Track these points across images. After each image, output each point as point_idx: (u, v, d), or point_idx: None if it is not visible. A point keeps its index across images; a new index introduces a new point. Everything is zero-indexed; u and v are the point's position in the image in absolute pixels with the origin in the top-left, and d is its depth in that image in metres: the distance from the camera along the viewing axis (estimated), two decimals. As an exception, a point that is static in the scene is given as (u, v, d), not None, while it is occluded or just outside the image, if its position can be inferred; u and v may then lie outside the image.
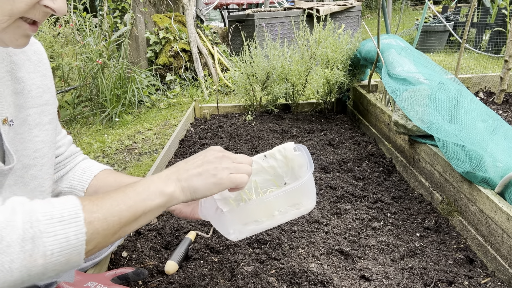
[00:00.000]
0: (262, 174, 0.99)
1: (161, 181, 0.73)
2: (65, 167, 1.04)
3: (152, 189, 0.71)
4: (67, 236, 0.60)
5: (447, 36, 5.74)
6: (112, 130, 3.08)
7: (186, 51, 4.14)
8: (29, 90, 0.83)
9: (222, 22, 7.60)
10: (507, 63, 2.44)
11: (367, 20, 10.02)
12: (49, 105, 0.88)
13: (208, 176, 0.75)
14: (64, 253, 0.60)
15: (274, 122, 2.56)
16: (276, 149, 0.95)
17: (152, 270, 1.21)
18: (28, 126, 0.82)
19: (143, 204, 0.69)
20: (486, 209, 1.16)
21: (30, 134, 0.82)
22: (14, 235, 0.56)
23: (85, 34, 3.61)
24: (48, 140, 0.87)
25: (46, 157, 0.86)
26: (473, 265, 1.18)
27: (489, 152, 1.20)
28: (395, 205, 1.52)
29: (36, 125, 0.84)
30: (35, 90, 0.84)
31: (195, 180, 0.74)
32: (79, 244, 0.61)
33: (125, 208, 0.67)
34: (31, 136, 0.82)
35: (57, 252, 0.59)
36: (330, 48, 2.52)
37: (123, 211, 0.66)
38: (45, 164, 0.86)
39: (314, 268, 1.16)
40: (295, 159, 0.93)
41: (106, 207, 0.65)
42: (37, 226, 0.58)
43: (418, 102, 1.51)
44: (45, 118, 0.86)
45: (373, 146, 2.06)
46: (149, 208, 0.70)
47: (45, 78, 0.88)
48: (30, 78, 0.84)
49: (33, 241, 0.57)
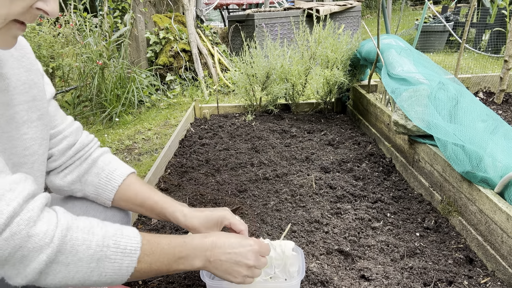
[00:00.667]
0: None
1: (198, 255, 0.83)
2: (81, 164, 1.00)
3: (188, 262, 0.83)
4: (121, 266, 0.73)
5: (447, 36, 5.75)
6: (112, 130, 3.08)
7: (186, 51, 4.14)
8: (14, 87, 0.80)
9: (222, 22, 7.61)
10: (506, 63, 2.45)
11: (367, 20, 10.02)
12: (37, 101, 0.86)
13: (230, 276, 0.87)
14: (113, 277, 0.73)
15: (274, 122, 2.56)
16: (278, 243, 1.07)
17: (152, 270, 1.21)
18: (16, 124, 0.80)
19: (176, 267, 0.81)
20: (486, 209, 1.16)
21: (18, 132, 0.80)
22: (86, 253, 0.69)
23: (85, 34, 3.62)
24: (38, 137, 0.85)
25: (36, 155, 0.85)
26: (473, 265, 1.18)
27: (489, 152, 1.20)
28: (395, 205, 1.52)
29: (24, 122, 0.82)
30: (21, 87, 0.82)
31: (217, 272, 0.86)
32: (127, 274, 0.74)
33: (165, 263, 0.79)
34: (19, 134, 0.80)
35: (109, 275, 0.73)
36: (330, 48, 2.52)
37: (163, 264, 0.79)
38: (36, 162, 0.85)
39: (314, 267, 1.16)
40: (290, 258, 1.04)
41: (155, 256, 0.77)
42: (105, 251, 0.71)
43: (418, 102, 1.51)
44: (33, 114, 0.84)
45: (373, 146, 2.07)
46: (175, 271, 0.82)
47: (31, 73, 0.85)
48: (15, 74, 0.81)
49: (98, 262, 0.71)
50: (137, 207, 1.03)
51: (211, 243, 0.85)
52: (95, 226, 0.73)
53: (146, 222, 1.48)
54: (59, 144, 0.97)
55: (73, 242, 0.68)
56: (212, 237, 0.87)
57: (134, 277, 0.76)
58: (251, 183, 1.74)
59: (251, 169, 1.89)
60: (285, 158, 2.01)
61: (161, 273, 0.80)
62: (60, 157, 0.97)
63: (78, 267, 0.69)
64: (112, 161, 1.04)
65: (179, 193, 1.70)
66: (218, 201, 1.59)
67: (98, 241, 0.71)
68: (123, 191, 1.02)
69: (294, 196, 1.61)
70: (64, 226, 0.69)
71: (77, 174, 0.99)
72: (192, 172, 1.90)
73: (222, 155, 2.07)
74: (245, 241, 0.89)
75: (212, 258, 0.84)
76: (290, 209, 1.52)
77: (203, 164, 1.99)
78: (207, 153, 2.12)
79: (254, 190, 1.68)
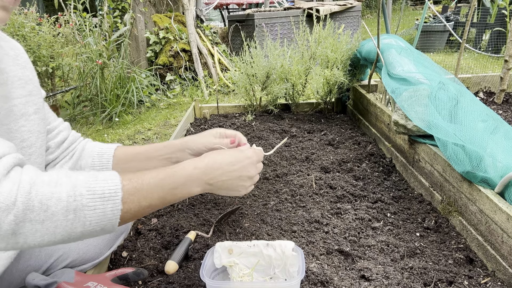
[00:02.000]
0: (259, 258, 1.10)
1: (193, 182, 0.82)
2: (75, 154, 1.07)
3: (186, 190, 0.81)
4: (105, 211, 0.69)
5: (447, 36, 5.75)
6: (112, 130, 3.08)
7: (186, 51, 4.14)
8: (12, 81, 0.84)
9: (222, 22, 7.60)
10: (507, 63, 2.44)
11: (367, 20, 10.02)
12: (33, 96, 0.89)
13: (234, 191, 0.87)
14: (100, 224, 0.69)
15: (274, 122, 2.56)
16: (278, 243, 1.07)
17: (152, 270, 1.21)
18: (14, 116, 0.83)
19: (172, 197, 0.79)
20: (486, 209, 1.16)
21: (16, 124, 0.83)
22: (58, 206, 0.65)
23: (85, 34, 3.61)
24: (35, 130, 0.88)
25: (34, 147, 0.87)
26: (473, 265, 1.18)
27: (489, 152, 1.20)
28: (395, 205, 1.52)
29: (22, 115, 0.85)
30: (18, 82, 0.86)
31: (220, 191, 0.86)
32: (114, 218, 0.70)
33: (156, 197, 0.76)
34: (17, 126, 0.83)
35: (94, 223, 0.68)
36: (330, 48, 2.52)
37: (154, 199, 0.76)
38: (33, 154, 0.87)
39: (314, 268, 1.16)
40: (290, 258, 1.05)
41: (141, 193, 0.74)
42: (80, 200, 0.67)
43: (418, 102, 1.51)
44: (30, 108, 0.87)
45: (373, 146, 2.06)
46: (174, 200, 0.81)
47: (25, 70, 0.89)
48: (12, 70, 0.85)
49: (75, 212, 0.66)
50: (140, 163, 1.08)
51: (207, 167, 0.84)
52: (63, 177, 0.68)
53: (146, 222, 1.48)
54: (55, 137, 1.04)
55: (40, 197, 0.64)
56: (205, 159, 0.86)
57: (127, 218, 0.73)
58: (251, 183, 1.74)
59: (251, 169, 1.88)
60: (285, 158, 2.00)
61: (158, 207, 0.78)
62: (56, 150, 1.04)
63: (55, 221, 0.65)
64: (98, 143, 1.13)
65: (179, 193, 1.69)
66: (218, 201, 1.59)
67: (69, 191, 0.66)
68: (120, 157, 1.08)
69: (294, 196, 1.61)
70: (26, 181, 0.64)
71: (73, 162, 1.07)
72: (192, 172, 1.90)
73: (222, 155, 2.07)
74: (241, 154, 0.90)
75: (212, 181, 0.84)
76: (290, 209, 1.52)
77: (203, 164, 1.98)
78: (207, 153, 2.11)
79: (254, 190, 1.68)
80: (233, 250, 1.10)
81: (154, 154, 1.10)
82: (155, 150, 1.10)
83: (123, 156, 1.10)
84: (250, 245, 1.10)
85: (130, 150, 1.11)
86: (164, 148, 1.10)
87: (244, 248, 1.10)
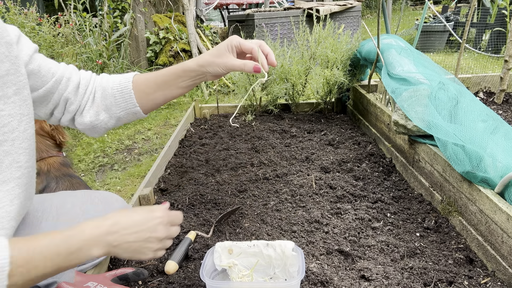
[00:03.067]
0: (259, 258, 1.11)
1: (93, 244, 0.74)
2: (95, 96, 1.02)
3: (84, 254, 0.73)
4: None
5: (447, 36, 5.75)
6: (112, 130, 3.08)
7: (186, 51, 4.14)
8: None
9: (222, 22, 7.60)
10: (507, 63, 2.44)
11: (367, 20, 10.02)
12: (11, 75, 0.80)
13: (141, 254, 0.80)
14: None
15: (274, 122, 2.56)
16: (278, 243, 1.07)
17: (152, 270, 1.21)
18: None
19: (69, 264, 0.72)
20: (486, 209, 1.16)
21: None
22: None
23: (85, 34, 3.61)
24: (16, 113, 0.81)
25: (16, 131, 0.81)
26: (473, 265, 1.18)
27: (489, 152, 1.20)
28: (395, 205, 1.52)
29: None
30: None
31: (126, 254, 0.78)
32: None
33: (51, 265, 0.70)
34: None
35: None
36: (330, 48, 2.52)
37: (49, 268, 0.70)
38: (17, 139, 0.81)
39: (314, 268, 1.16)
40: (290, 258, 1.05)
41: (33, 264, 0.68)
42: None
43: (418, 102, 1.51)
44: (8, 90, 0.79)
45: (373, 146, 2.06)
46: (74, 265, 0.74)
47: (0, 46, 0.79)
48: None
49: None
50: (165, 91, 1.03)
51: (112, 225, 0.77)
52: None
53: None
54: (67, 87, 0.99)
55: None
56: (112, 218, 0.79)
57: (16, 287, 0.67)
58: (251, 183, 1.74)
59: (251, 169, 1.89)
60: (285, 158, 2.00)
61: (52, 274, 0.72)
62: (75, 99, 1.00)
63: None
64: (112, 76, 1.07)
65: (179, 193, 1.69)
66: (218, 201, 1.59)
67: None
68: (139, 87, 1.02)
69: (294, 196, 1.61)
70: None
71: (97, 106, 1.02)
72: (192, 172, 1.90)
73: (222, 155, 2.07)
74: (151, 214, 0.83)
75: (116, 242, 0.77)
76: (290, 209, 1.52)
77: (203, 164, 1.99)
78: (207, 153, 2.12)
79: (254, 190, 1.68)
80: (233, 250, 1.10)
81: (177, 81, 1.03)
82: (177, 77, 1.03)
83: (144, 87, 1.03)
84: (250, 245, 1.10)
85: (151, 78, 1.04)
86: (184, 74, 1.02)
87: (244, 248, 1.10)
